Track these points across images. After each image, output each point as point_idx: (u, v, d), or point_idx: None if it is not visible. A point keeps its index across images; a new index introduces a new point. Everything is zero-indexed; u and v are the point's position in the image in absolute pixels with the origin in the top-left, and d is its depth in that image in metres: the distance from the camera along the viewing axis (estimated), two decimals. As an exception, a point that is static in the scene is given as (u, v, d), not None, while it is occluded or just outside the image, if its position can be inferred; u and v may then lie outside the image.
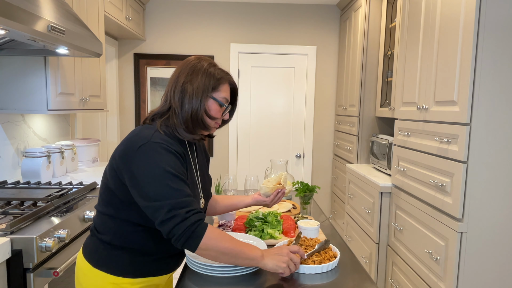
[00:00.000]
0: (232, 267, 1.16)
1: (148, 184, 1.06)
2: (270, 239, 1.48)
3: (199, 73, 1.19)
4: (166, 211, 1.04)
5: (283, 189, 1.55)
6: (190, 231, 1.05)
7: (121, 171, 1.12)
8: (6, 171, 2.14)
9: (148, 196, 1.06)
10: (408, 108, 2.26)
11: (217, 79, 1.20)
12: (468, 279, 1.74)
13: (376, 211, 2.51)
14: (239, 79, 4.12)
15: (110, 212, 1.18)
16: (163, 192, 1.05)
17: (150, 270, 1.21)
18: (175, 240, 1.06)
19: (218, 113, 1.23)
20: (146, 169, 1.06)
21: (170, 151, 1.10)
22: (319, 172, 4.29)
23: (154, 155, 1.07)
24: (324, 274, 1.23)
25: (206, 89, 1.18)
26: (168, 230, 1.05)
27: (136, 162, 1.07)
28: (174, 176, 1.07)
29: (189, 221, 1.05)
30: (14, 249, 1.34)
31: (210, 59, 1.25)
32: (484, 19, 1.61)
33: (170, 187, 1.06)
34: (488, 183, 1.70)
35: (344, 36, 3.88)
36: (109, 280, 1.17)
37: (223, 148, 4.20)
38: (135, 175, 1.07)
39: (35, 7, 1.51)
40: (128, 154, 1.10)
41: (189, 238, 1.05)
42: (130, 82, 4.08)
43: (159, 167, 1.06)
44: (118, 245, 1.17)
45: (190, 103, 1.17)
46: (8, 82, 2.02)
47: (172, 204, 1.05)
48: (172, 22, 4.02)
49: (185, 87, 1.18)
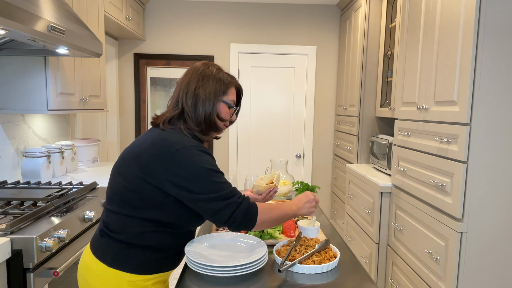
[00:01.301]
0: (232, 267, 1.16)
1: (195, 184, 1.15)
2: (270, 239, 1.48)
3: (209, 79, 1.29)
4: (220, 201, 1.16)
5: (275, 188, 1.58)
6: (248, 214, 1.19)
7: (157, 175, 1.16)
8: (6, 171, 2.14)
9: (201, 192, 1.15)
10: (408, 108, 2.26)
11: (226, 84, 1.31)
12: (468, 279, 1.74)
13: (376, 211, 2.51)
14: (239, 79, 4.12)
15: (127, 211, 1.20)
16: (212, 187, 1.16)
17: (162, 266, 1.25)
18: (236, 224, 1.18)
19: (228, 115, 1.34)
20: (190, 171, 1.15)
21: (205, 151, 1.21)
22: (319, 172, 4.29)
23: (194, 157, 1.17)
24: (324, 274, 1.23)
25: (218, 94, 1.29)
26: (226, 217, 1.17)
27: (178, 165, 1.15)
28: (216, 172, 1.19)
29: (243, 206, 1.19)
30: (14, 249, 1.34)
31: (216, 65, 1.36)
32: (484, 19, 1.61)
33: (216, 182, 1.17)
34: (488, 183, 1.70)
35: (344, 36, 3.88)
36: (125, 278, 1.19)
37: (223, 148, 4.20)
38: (181, 177, 1.15)
39: (35, 7, 1.51)
40: (165, 158, 1.16)
41: (248, 220, 1.20)
42: (130, 82, 4.08)
43: (201, 167, 1.16)
44: (135, 244, 1.20)
45: (203, 107, 1.27)
46: (8, 82, 2.02)
47: (224, 195, 1.17)
48: (172, 22, 4.02)
49: (197, 93, 1.27)
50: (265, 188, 1.55)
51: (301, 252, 1.29)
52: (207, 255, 1.25)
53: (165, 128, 1.25)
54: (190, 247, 1.28)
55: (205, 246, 1.33)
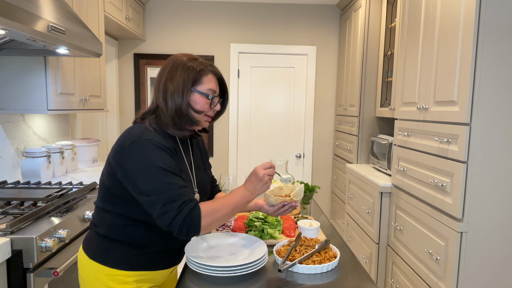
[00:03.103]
0: (232, 267, 1.16)
1: (142, 180, 1.09)
2: (270, 239, 1.48)
3: (178, 69, 1.20)
4: (161, 206, 1.08)
5: (293, 203, 1.35)
6: (187, 222, 1.08)
7: (116, 169, 1.15)
8: (6, 171, 2.14)
9: (143, 191, 1.09)
10: (408, 108, 2.26)
11: (197, 72, 1.20)
12: (468, 279, 1.74)
13: (376, 211, 2.51)
14: (239, 79, 4.12)
15: (107, 207, 1.22)
16: (157, 187, 1.08)
17: (145, 264, 1.23)
18: (176, 233, 1.09)
19: (206, 106, 1.22)
20: (139, 166, 1.10)
21: (160, 146, 1.12)
22: (319, 172, 4.29)
23: (145, 152, 1.10)
24: (324, 274, 1.23)
25: (186, 84, 1.19)
26: (166, 224, 1.09)
27: (129, 159, 1.11)
28: (165, 170, 1.10)
29: (183, 213, 1.08)
30: (14, 249, 1.34)
31: (193, 55, 1.25)
32: (484, 19, 1.60)
33: (162, 182, 1.09)
34: (488, 183, 1.70)
35: (344, 36, 3.88)
36: (104, 271, 1.21)
37: (223, 148, 4.20)
38: (129, 172, 1.11)
39: (35, 7, 1.50)
40: (120, 152, 1.13)
41: (189, 228, 1.09)
42: (130, 82, 4.08)
43: (150, 163, 1.09)
44: (114, 238, 1.21)
45: (172, 100, 1.18)
46: (8, 82, 2.02)
47: (166, 198, 1.08)
48: (172, 22, 4.01)
49: (166, 85, 1.19)
50: (278, 201, 1.35)
51: (301, 252, 1.29)
52: (207, 255, 1.25)
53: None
54: (190, 247, 1.28)
55: (205, 246, 1.33)
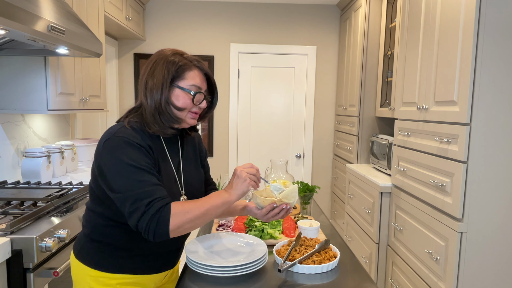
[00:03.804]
0: (232, 267, 1.16)
1: (113, 178, 1.07)
2: (270, 239, 1.48)
3: (159, 64, 1.14)
4: (130, 204, 1.04)
5: (282, 206, 1.21)
6: (154, 222, 1.03)
7: (94, 167, 1.14)
8: (6, 171, 2.14)
9: (114, 188, 1.07)
10: (408, 108, 2.26)
11: (179, 66, 1.14)
12: (468, 279, 1.74)
13: (376, 211, 2.51)
14: (239, 79, 4.12)
15: (92, 207, 1.21)
16: (126, 185, 1.05)
17: (131, 267, 1.19)
18: (144, 233, 1.04)
19: (188, 102, 1.15)
20: (110, 163, 1.08)
21: (132, 144, 1.09)
22: (319, 172, 4.29)
23: (116, 149, 1.08)
24: (324, 274, 1.23)
25: (166, 79, 1.13)
26: (134, 224, 1.04)
27: (102, 157, 1.09)
28: (136, 168, 1.06)
29: (150, 211, 1.03)
30: (14, 249, 1.34)
31: (180, 50, 1.19)
32: (484, 19, 1.60)
33: (132, 179, 1.05)
34: (488, 183, 1.70)
35: (344, 36, 3.88)
36: (87, 272, 1.19)
37: (223, 148, 4.20)
38: (102, 170, 1.09)
39: (35, 7, 1.50)
40: (96, 151, 1.13)
41: (156, 227, 1.03)
42: (130, 82, 4.08)
43: (121, 160, 1.06)
44: (95, 239, 1.19)
45: (152, 96, 1.13)
46: (8, 82, 2.02)
47: (135, 196, 1.04)
48: (172, 22, 4.01)
49: (146, 81, 1.15)
50: (266, 203, 1.21)
51: (301, 252, 1.29)
52: (207, 255, 1.25)
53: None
54: (190, 247, 1.28)
55: (205, 246, 1.33)
